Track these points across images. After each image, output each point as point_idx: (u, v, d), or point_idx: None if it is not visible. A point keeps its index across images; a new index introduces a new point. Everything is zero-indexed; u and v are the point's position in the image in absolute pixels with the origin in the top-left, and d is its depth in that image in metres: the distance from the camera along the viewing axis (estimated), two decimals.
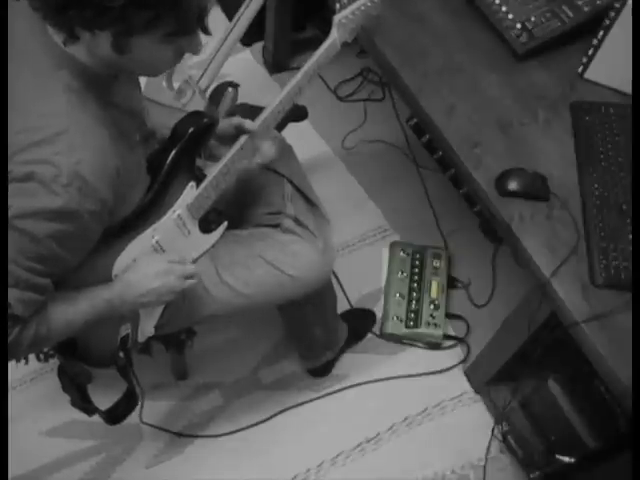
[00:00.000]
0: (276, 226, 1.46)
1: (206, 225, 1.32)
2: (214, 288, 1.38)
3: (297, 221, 1.46)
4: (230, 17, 1.92)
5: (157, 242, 1.21)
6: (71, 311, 1.09)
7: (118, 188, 1.01)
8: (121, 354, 1.30)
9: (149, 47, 0.94)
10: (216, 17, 2.52)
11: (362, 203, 2.17)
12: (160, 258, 1.20)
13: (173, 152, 1.17)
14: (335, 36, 1.34)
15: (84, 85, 0.97)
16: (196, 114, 1.22)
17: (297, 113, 2.05)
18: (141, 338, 1.33)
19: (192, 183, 1.23)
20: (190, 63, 2.37)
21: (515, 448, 1.70)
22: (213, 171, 1.26)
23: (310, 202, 1.51)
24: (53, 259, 0.99)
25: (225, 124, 1.32)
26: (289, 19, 2.24)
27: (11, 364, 1.41)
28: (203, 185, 1.24)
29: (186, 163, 1.20)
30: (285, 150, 1.57)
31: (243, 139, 1.28)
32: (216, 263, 1.38)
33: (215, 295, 1.38)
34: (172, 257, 1.20)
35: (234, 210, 1.53)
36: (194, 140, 1.19)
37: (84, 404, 1.39)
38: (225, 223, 1.34)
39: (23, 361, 1.41)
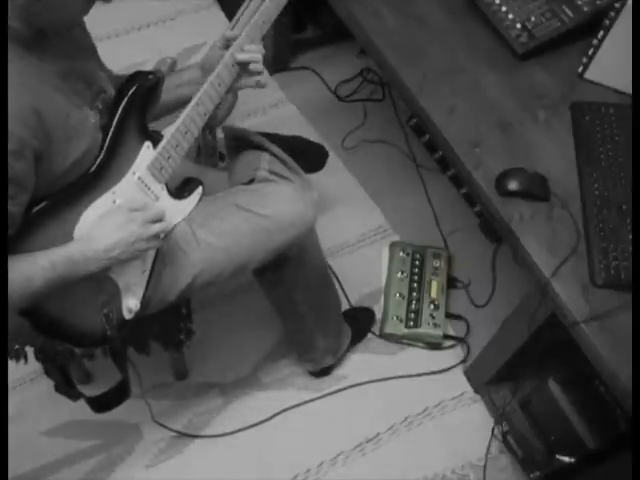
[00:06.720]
0: (251, 182, 1.45)
1: (181, 193, 1.30)
2: (189, 248, 1.35)
3: (271, 171, 1.44)
4: (230, 17, 1.92)
5: (120, 207, 1.17)
6: (27, 266, 1.04)
7: (43, 132, 0.99)
8: (107, 329, 1.25)
9: None
10: (216, 17, 2.53)
11: (362, 203, 2.17)
12: (120, 209, 1.16)
13: (118, 111, 1.15)
14: None
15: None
16: (141, 73, 1.19)
17: (316, 160, 1.98)
18: (127, 315, 1.28)
19: (147, 143, 1.20)
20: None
21: (515, 448, 1.70)
22: (172, 128, 1.23)
23: (287, 165, 1.49)
24: None
25: (212, 53, 1.36)
26: (289, 19, 2.24)
27: (11, 364, 1.42)
28: (162, 144, 1.21)
29: (135, 122, 1.18)
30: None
31: (226, 56, 1.30)
32: (191, 224, 1.36)
33: (192, 256, 1.35)
34: (133, 205, 1.17)
35: None
36: (140, 98, 1.17)
37: (68, 388, 1.37)
38: (200, 188, 1.30)
39: (23, 361, 1.41)
